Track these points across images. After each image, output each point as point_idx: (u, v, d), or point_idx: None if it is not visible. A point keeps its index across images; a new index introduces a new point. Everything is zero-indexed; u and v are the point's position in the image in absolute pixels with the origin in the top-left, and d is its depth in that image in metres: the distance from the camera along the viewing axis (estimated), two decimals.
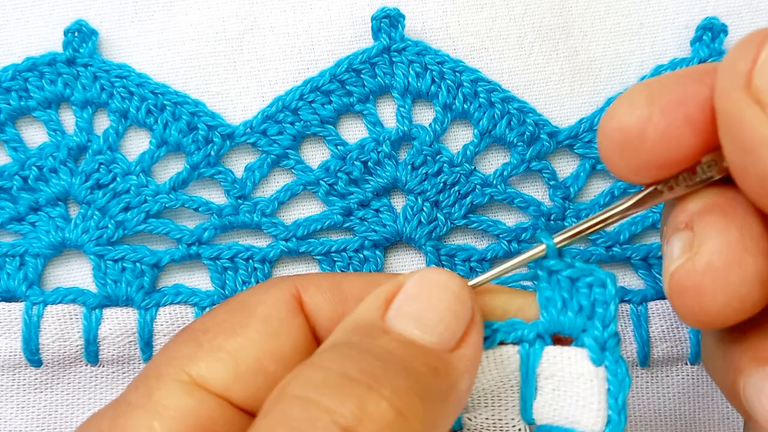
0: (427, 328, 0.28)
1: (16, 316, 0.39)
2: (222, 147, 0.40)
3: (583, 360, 0.30)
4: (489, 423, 0.32)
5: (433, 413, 0.27)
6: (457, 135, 0.41)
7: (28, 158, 0.40)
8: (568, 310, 0.30)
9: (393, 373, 0.26)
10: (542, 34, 0.42)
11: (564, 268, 0.30)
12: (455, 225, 0.41)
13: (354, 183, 0.40)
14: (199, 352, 0.30)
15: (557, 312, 0.30)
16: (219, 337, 0.30)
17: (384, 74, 0.40)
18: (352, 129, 0.41)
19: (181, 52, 0.41)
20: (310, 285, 0.32)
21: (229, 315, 0.31)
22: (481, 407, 0.32)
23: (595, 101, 0.42)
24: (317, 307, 0.32)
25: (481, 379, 0.31)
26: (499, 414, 0.32)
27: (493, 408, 0.32)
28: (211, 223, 0.40)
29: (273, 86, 0.41)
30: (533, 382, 0.31)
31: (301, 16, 0.41)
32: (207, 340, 0.30)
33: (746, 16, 0.43)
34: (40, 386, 0.40)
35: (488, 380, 0.31)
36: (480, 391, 0.32)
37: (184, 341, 0.31)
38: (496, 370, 0.31)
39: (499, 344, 0.31)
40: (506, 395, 0.32)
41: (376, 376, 0.26)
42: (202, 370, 0.29)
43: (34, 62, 0.40)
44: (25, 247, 0.40)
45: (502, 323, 0.31)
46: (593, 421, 0.30)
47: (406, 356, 0.28)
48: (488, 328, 0.31)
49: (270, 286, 0.33)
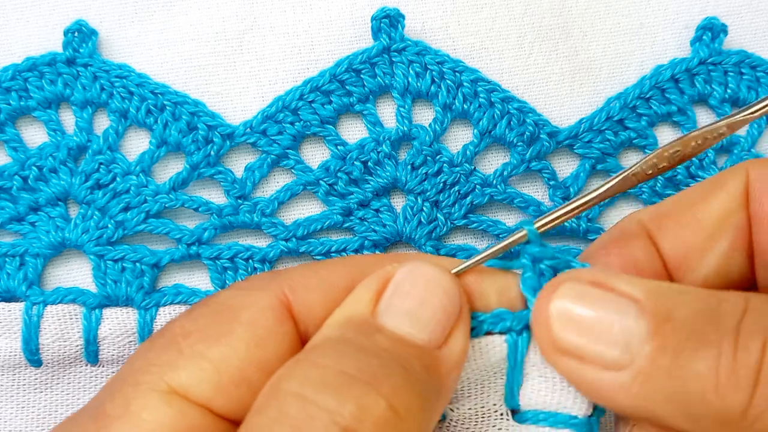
0: (419, 326, 0.29)
1: (16, 316, 0.39)
2: (222, 147, 0.40)
3: None
4: (472, 411, 0.33)
5: (427, 410, 0.27)
6: (457, 135, 0.41)
7: (28, 158, 0.40)
8: None
9: (390, 372, 0.26)
10: (542, 34, 0.42)
11: (547, 256, 0.31)
12: (455, 225, 0.41)
13: (354, 183, 0.40)
14: (179, 360, 0.28)
15: None
16: (200, 344, 0.29)
17: (384, 74, 0.40)
18: (352, 129, 0.41)
19: (181, 52, 0.41)
20: (299, 286, 0.31)
21: (210, 319, 0.30)
22: (464, 397, 0.33)
23: (595, 101, 0.42)
24: (308, 309, 0.31)
25: (466, 369, 0.32)
26: (482, 401, 0.33)
27: (477, 396, 0.33)
28: (211, 223, 0.40)
29: (273, 86, 0.41)
30: (521, 369, 0.31)
31: (301, 16, 0.41)
32: (188, 346, 0.29)
33: (746, 16, 0.43)
34: (40, 386, 0.40)
35: (473, 370, 0.32)
36: (464, 381, 0.32)
37: (162, 346, 0.29)
38: (482, 360, 0.32)
39: (486, 334, 0.31)
40: (489, 383, 0.32)
41: (374, 374, 0.26)
42: (182, 380, 0.28)
43: (34, 62, 0.40)
44: (25, 247, 0.40)
45: (488, 315, 0.31)
46: (586, 405, 0.31)
47: (401, 354, 0.28)
48: (475, 320, 0.31)
49: (254, 288, 0.31)
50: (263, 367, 0.29)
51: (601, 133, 0.41)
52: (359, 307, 0.29)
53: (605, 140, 0.41)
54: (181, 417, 0.27)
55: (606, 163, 0.41)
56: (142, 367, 0.29)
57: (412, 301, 0.29)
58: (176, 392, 0.28)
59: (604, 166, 0.41)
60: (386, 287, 0.30)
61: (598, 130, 0.41)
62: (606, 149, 0.41)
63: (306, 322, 0.31)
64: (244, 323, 0.29)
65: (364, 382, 0.26)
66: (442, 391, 0.29)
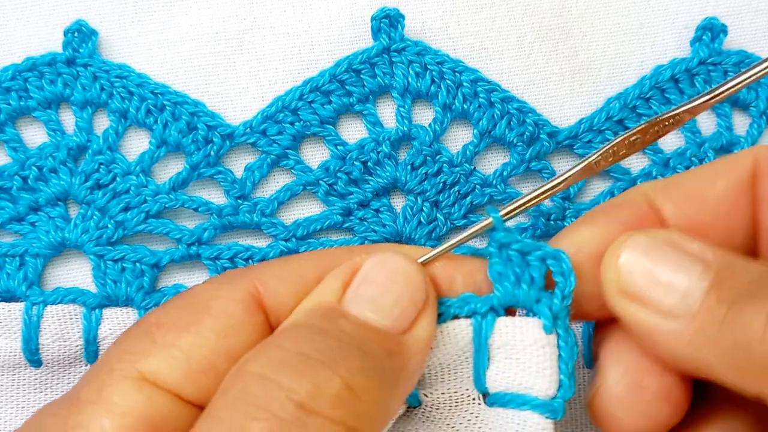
0: (382, 312, 0.30)
1: (16, 316, 0.39)
2: (222, 147, 0.40)
3: (534, 328, 0.32)
4: (445, 397, 0.33)
5: (385, 391, 0.28)
6: (456, 135, 0.41)
7: (28, 158, 0.40)
8: (521, 283, 0.32)
9: (348, 354, 0.28)
10: (542, 34, 0.42)
11: (514, 241, 0.32)
12: (455, 225, 0.41)
13: (354, 183, 0.40)
14: (151, 348, 0.30)
15: (511, 285, 0.32)
16: (171, 334, 0.30)
17: (384, 74, 0.40)
18: (351, 129, 0.41)
19: (181, 52, 0.41)
20: (270, 278, 0.32)
21: (182, 311, 0.31)
22: (437, 382, 0.33)
23: (595, 101, 0.42)
24: (279, 300, 0.32)
25: (437, 354, 0.32)
26: (455, 387, 0.33)
27: (449, 381, 0.33)
28: (210, 223, 0.40)
29: (273, 86, 0.41)
30: (485, 352, 0.32)
31: (301, 16, 0.41)
32: (160, 336, 0.30)
33: (746, 16, 0.43)
34: (40, 386, 0.40)
35: (443, 354, 0.33)
36: (436, 366, 0.33)
37: (136, 336, 0.31)
38: (450, 344, 0.32)
39: (453, 318, 0.32)
40: (461, 368, 0.33)
41: (332, 355, 0.27)
42: (153, 367, 0.29)
43: (34, 62, 0.40)
44: (25, 247, 0.40)
45: (455, 299, 0.32)
46: (547, 385, 0.31)
47: (361, 338, 0.29)
48: (442, 305, 0.32)
49: (226, 282, 0.32)
50: (232, 357, 0.30)
51: (601, 133, 0.41)
52: (327, 295, 0.31)
53: (605, 140, 0.41)
54: (150, 403, 0.28)
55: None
56: (117, 356, 0.30)
57: (376, 289, 0.30)
58: (147, 379, 0.29)
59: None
60: (354, 277, 0.31)
61: (598, 130, 0.41)
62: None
63: (277, 314, 0.32)
64: (213, 314, 0.31)
65: (320, 362, 0.27)
66: (404, 374, 0.30)
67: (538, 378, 0.31)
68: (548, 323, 0.31)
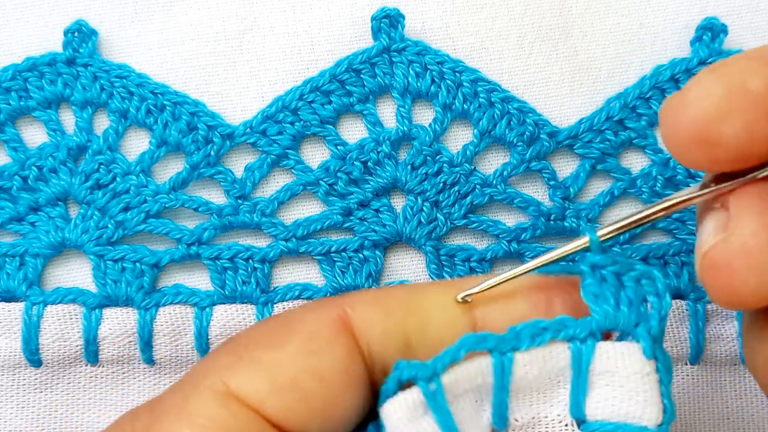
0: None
1: (16, 316, 0.39)
2: (222, 147, 0.40)
3: (636, 354, 0.30)
4: (535, 421, 0.32)
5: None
6: (457, 135, 0.41)
7: (28, 158, 0.40)
8: (620, 305, 0.31)
9: None
10: (542, 34, 0.42)
11: (609, 263, 0.31)
12: (455, 225, 0.41)
13: (354, 183, 0.40)
14: (237, 364, 0.30)
15: (611, 308, 0.31)
16: (258, 351, 0.30)
17: (384, 74, 0.40)
18: (351, 129, 0.41)
19: (181, 52, 0.41)
20: (359, 304, 0.32)
21: (270, 330, 0.31)
22: (526, 406, 0.32)
23: (594, 101, 0.42)
24: (367, 325, 0.32)
25: (528, 377, 0.31)
26: (545, 411, 0.32)
27: (538, 405, 0.32)
28: (210, 223, 0.40)
29: (273, 86, 0.41)
30: (586, 378, 0.31)
31: (301, 16, 0.41)
32: (246, 353, 0.30)
33: (746, 16, 0.43)
34: (40, 386, 0.40)
35: (537, 379, 0.31)
36: (528, 390, 0.32)
37: (224, 352, 0.31)
38: (545, 369, 0.31)
39: (549, 342, 0.31)
40: (551, 393, 0.32)
41: None
42: (238, 381, 0.29)
43: (34, 62, 0.40)
44: (25, 247, 0.40)
45: (551, 321, 0.31)
46: (657, 414, 0.30)
47: None
48: (537, 327, 0.30)
49: (315, 306, 0.33)
50: (317, 376, 0.30)
51: (601, 133, 0.41)
52: None
53: (605, 140, 0.41)
54: (232, 418, 0.28)
55: (606, 163, 0.41)
56: (202, 371, 0.30)
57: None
58: (232, 394, 0.29)
59: (604, 166, 0.41)
60: None
61: (598, 130, 0.41)
62: (606, 149, 0.41)
63: (367, 338, 0.32)
64: (300, 333, 0.31)
65: None
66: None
67: (647, 407, 0.30)
68: (648, 348, 0.30)
